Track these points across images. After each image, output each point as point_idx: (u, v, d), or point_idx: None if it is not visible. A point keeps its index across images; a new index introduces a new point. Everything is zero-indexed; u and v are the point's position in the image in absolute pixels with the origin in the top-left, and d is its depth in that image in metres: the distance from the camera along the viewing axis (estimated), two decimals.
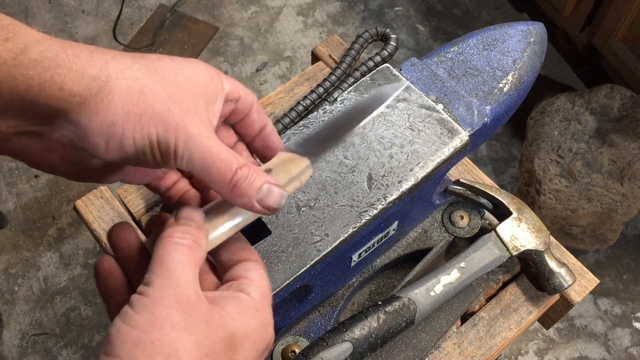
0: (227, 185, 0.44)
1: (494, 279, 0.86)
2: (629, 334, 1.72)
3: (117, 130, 0.41)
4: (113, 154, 0.42)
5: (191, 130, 0.43)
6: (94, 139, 0.41)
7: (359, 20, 2.27)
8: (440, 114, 0.71)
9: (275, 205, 0.47)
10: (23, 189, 1.90)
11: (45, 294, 1.74)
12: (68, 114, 0.40)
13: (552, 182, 1.65)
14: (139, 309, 0.39)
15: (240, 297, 0.44)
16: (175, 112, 0.42)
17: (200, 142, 0.43)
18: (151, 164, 0.43)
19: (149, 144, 0.42)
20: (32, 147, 0.42)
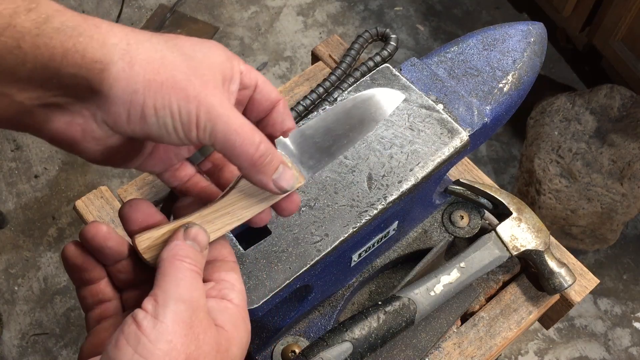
0: (250, 159, 0.44)
1: (494, 279, 0.86)
2: (629, 334, 1.72)
3: (139, 99, 0.40)
4: (134, 125, 0.42)
5: (212, 101, 0.42)
6: (115, 108, 0.41)
7: (359, 20, 2.27)
8: (440, 114, 0.71)
9: (287, 187, 0.47)
10: (23, 189, 1.90)
11: (45, 294, 1.74)
12: (90, 82, 0.39)
13: (552, 182, 1.65)
14: (154, 337, 0.38)
15: (229, 309, 0.44)
16: (196, 83, 0.42)
17: (222, 114, 0.43)
18: (173, 137, 0.43)
19: (170, 113, 0.41)
20: (53, 120, 0.41)
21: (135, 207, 0.47)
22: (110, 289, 0.47)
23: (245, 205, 0.48)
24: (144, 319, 0.39)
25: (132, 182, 0.92)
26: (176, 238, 0.44)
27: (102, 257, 0.46)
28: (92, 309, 0.47)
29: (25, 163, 1.95)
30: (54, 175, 1.92)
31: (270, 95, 0.49)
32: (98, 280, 0.46)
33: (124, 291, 0.48)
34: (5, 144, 1.98)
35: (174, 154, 0.49)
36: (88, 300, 0.47)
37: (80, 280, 0.46)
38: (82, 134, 0.42)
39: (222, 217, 0.47)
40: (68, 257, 0.45)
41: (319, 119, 0.52)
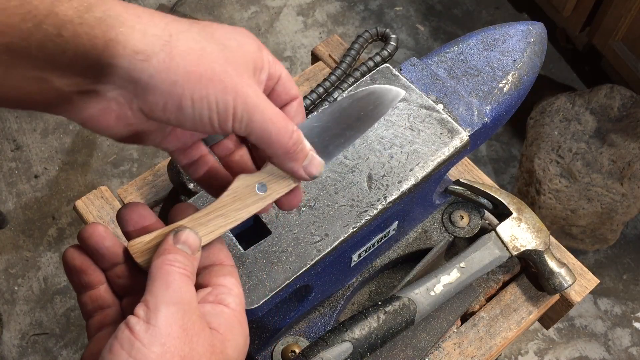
0: (284, 148, 0.45)
1: (494, 279, 0.86)
2: (629, 334, 1.72)
3: (177, 90, 0.41)
4: (170, 114, 0.42)
5: (249, 92, 0.43)
6: (153, 98, 0.41)
7: (359, 20, 2.27)
8: (440, 114, 0.71)
9: (316, 173, 0.48)
10: (23, 189, 1.90)
11: (45, 294, 1.74)
12: (130, 73, 0.40)
13: (552, 182, 1.65)
14: (147, 341, 0.38)
15: (224, 313, 0.44)
16: (233, 74, 0.43)
17: (258, 104, 0.43)
18: (207, 127, 0.43)
19: (207, 105, 0.42)
20: (90, 106, 0.42)
21: (131, 209, 0.47)
22: (110, 295, 0.47)
23: (239, 207, 0.48)
24: (137, 324, 0.39)
25: (132, 182, 0.92)
26: (166, 242, 0.44)
27: (100, 259, 0.46)
28: (93, 316, 0.47)
29: (25, 163, 1.95)
30: (54, 175, 1.93)
31: (290, 90, 0.50)
32: (97, 285, 0.46)
33: (123, 298, 0.48)
34: (5, 144, 1.98)
35: (190, 134, 0.50)
36: (88, 307, 0.47)
37: (80, 284, 0.46)
38: (116, 120, 0.43)
39: (215, 219, 0.47)
40: (68, 260, 0.45)
41: (315, 118, 0.52)
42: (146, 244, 0.45)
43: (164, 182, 0.91)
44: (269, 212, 0.65)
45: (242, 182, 0.48)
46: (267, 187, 0.49)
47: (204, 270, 0.47)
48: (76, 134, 2.00)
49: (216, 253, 0.48)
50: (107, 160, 1.95)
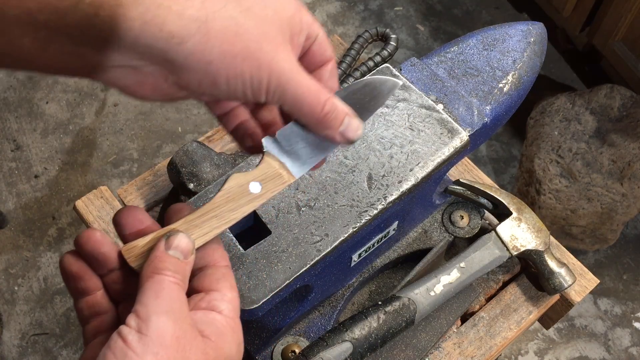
0: (317, 118, 0.46)
1: (494, 279, 0.86)
2: (629, 334, 1.72)
3: (212, 70, 0.42)
4: (204, 89, 0.43)
5: (283, 66, 0.44)
6: (188, 76, 0.42)
7: (359, 20, 2.27)
8: (440, 114, 0.71)
9: (354, 137, 0.48)
10: (23, 189, 1.90)
11: (45, 294, 1.74)
12: (165, 53, 0.41)
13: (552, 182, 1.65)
14: (140, 351, 0.38)
15: (216, 320, 0.44)
16: (268, 49, 0.43)
17: (292, 78, 0.44)
18: (240, 99, 0.45)
19: (241, 83, 0.43)
20: (127, 78, 0.43)
21: (127, 213, 0.47)
22: (107, 301, 0.47)
23: (233, 207, 0.47)
24: (129, 333, 0.39)
25: (132, 182, 0.92)
26: (156, 249, 0.44)
27: (96, 264, 0.46)
28: (89, 322, 0.47)
29: (25, 163, 1.95)
30: (54, 175, 1.92)
31: (325, 51, 0.50)
32: (94, 290, 0.46)
33: (120, 304, 0.48)
34: (5, 144, 1.98)
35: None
36: (85, 312, 0.46)
37: (76, 290, 0.46)
38: (152, 90, 0.44)
39: (209, 221, 0.46)
40: (64, 266, 0.45)
41: None
42: (140, 248, 0.45)
43: (164, 182, 0.91)
44: (269, 212, 0.65)
45: (235, 182, 0.48)
46: (261, 186, 0.48)
47: (198, 272, 0.46)
48: (76, 134, 2.00)
49: (211, 253, 0.47)
50: (107, 160, 1.95)
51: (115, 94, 2.07)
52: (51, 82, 2.09)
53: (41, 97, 2.07)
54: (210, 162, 0.83)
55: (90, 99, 2.07)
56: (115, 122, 2.02)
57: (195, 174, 0.82)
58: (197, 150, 0.83)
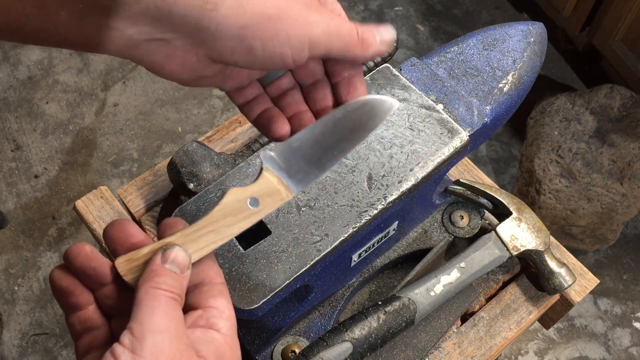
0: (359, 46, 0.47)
1: (494, 279, 0.86)
2: (629, 334, 1.72)
3: (247, 34, 0.42)
4: (238, 56, 0.44)
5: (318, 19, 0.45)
6: (222, 43, 0.43)
7: (359, 20, 2.27)
8: (440, 114, 0.71)
9: (392, 36, 0.50)
10: (23, 189, 1.90)
11: (45, 294, 1.74)
12: (199, 22, 0.41)
13: (552, 182, 1.65)
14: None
15: (215, 340, 0.43)
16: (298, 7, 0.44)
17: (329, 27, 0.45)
18: (278, 64, 0.45)
19: (278, 43, 0.43)
20: (157, 53, 0.43)
21: (117, 227, 0.46)
22: (99, 316, 0.45)
23: (230, 222, 0.46)
24: (122, 354, 0.38)
25: (132, 182, 0.92)
26: (153, 263, 0.43)
27: (87, 280, 0.44)
28: (81, 337, 0.45)
29: (25, 163, 1.95)
30: (54, 175, 1.92)
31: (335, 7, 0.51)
32: (85, 305, 0.45)
33: (113, 318, 0.46)
34: (5, 144, 1.98)
35: (247, 74, 0.51)
36: (77, 328, 0.45)
37: (67, 305, 0.45)
38: (182, 66, 0.44)
39: (206, 235, 0.45)
40: (54, 281, 0.44)
41: (307, 130, 0.51)
42: (135, 261, 0.44)
43: (164, 182, 0.91)
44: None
45: (233, 197, 0.47)
46: (259, 202, 0.48)
47: (194, 289, 0.45)
48: (76, 134, 2.00)
49: (206, 270, 0.46)
50: (107, 160, 1.95)
51: (115, 94, 2.07)
52: (51, 82, 2.09)
53: (41, 97, 2.07)
54: (210, 162, 0.83)
55: (90, 99, 2.07)
56: (115, 122, 2.02)
57: (195, 174, 0.82)
58: (197, 150, 0.83)
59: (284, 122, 0.51)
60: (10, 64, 2.14)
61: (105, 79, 2.11)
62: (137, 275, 0.43)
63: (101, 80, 2.11)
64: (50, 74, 2.11)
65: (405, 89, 0.73)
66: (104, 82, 2.10)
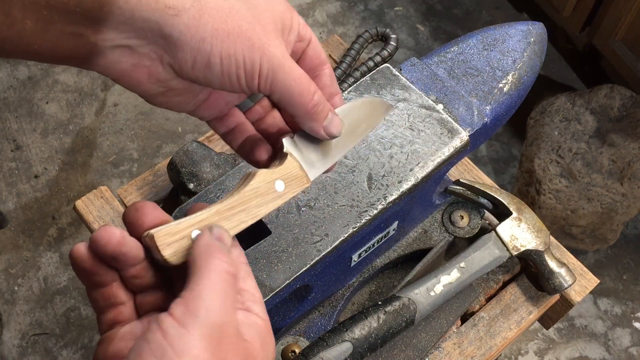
0: (306, 108, 0.47)
1: (494, 279, 0.86)
2: (629, 334, 1.72)
3: (206, 47, 0.42)
4: (198, 72, 0.44)
5: (275, 52, 0.45)
6: (182, 55, 0.43)
7: (359, 20, 2.27)
8: (440, 114, 0.71)
9: (336, 132, 0.50)
10: (23, 189, 1.90)
11: (45, 294, 1.74)
12: (161, 27, 0.41)
13: (552, 182, 1.65)
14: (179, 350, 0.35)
15: (257, 324, 0.41)
16: (260, 33, 0.44)
17: (283, 64, 0.45)
18: (235, 85, 0.45)
19: (234, 62, 0.43)
20: (122, 61, 0.43)
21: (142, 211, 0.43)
22: (123, 292, 0.44)
23: (259, 203, 0.47)
24: (171, 327, 0.36)
25: (132, 182, 0.92)
26: (203, 237, 0.41)
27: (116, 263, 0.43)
28: (105, 312, 0.44)
29: (25, 163, 1.95)
30: (54, 175, 1.92)
31: (320, 54, 0.51)
32: (110, 283, 0.43)
33: (137, 294, 0.45)
34: (5, 144, 1.98)
35: (225, 102, 0.51)
36: (100, 303, 0.44)
37: (90, 282, 0.43)
38: (148, 76, 0.44)
39: (238, 214, 0.46)
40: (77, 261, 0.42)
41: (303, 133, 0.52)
42: (173, 235, 0.42)
43: (164, 182, 0.91)
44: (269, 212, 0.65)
45: (263, 178, 0.48)
46: (284, 185, 0.49)
47: None
48: (76, 134, 2.00)
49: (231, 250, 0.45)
50: (107, 160, 1.95)
51: (115, 94, 2.07)
52: (51, 82, 2.09)
53: (41, 97, 2.07)
54: (210, 162, 0.83)
55: (90, 99, 2.07)
56: (115, 122, 2.02)
57: (195, 174, 0.82)
58: (197, 150, 0.83)
59: (264, 149, 0.52)
60: (10, 64, 2.14)
61: (105, 79, 2.11)
62: (175, 250, 0.42)
63: (101, 80, 2.11)
64: (50, 74, 2.11)
65: (405, 89, 0.73)
66: (104, 82, 2.10)
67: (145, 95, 0.47)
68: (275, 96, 0.46)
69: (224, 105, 0.51)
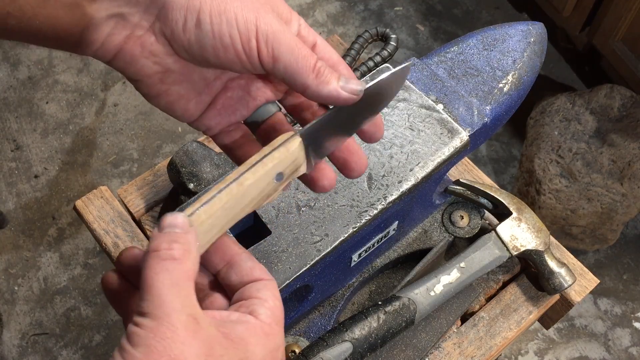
0: (312, 72, 0.44)
1: (494, 279, 0.86)
2: (629, 334, 1.72)
3: (195, 4, 0.42)
4: (189, 34, 0.42)
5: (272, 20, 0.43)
6: (172, 14, 0.42)
7: (359, 20, 2.27)
8: (440, 114, 0.71)
9: (359, 88, 0.45)
10: (23, 189, 1.90)
11: (45, 294, 1.74)
12: None
13: (552, 182, 1.65)
14: (135, 342, 0.37)
15: (249, 322, 0.42)
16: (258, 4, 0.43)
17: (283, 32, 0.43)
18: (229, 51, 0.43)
19: (226, 21, 0.42)
20: (115, 34, 0.43)
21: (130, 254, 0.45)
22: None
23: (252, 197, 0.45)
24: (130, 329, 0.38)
25: (132, 182, 0.92)
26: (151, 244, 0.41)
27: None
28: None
29: (25, 163, 1.95)
30: (54, 175, 1.92)
31: (332, 55, 0.48)
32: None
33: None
34: (5, 144, 1.98)
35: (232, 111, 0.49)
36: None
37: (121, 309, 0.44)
38: (141, 48, 0.44)
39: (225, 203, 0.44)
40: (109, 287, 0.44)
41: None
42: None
43: (164, 182, 0.91)
44: (269, 212, 0.65)
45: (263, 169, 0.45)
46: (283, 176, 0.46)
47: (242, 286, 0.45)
48: (76, 134, 2.00)
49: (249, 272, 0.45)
50: (107, 160, 1.95)
51: (115, 94, 2.07)
52: (51, 82, 2.09)
53: (41, 97, 2.07)
54: (210, 162, 0.83)
55: (90, 99, 2.07)
56: (115, 122, 2.02)
57: (195, 174, 0.82)
58: (197, 150, 0.83)
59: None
60: (10, 64, 2.14)
61: (105, 79, 2.11)
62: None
63: (101, 80, 2.11)
64: (50, 74, 2.11)
65: (405, 89, 0.73)
66: (104, 82, 2.10)
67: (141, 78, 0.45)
68: (280, 65, 0.43)
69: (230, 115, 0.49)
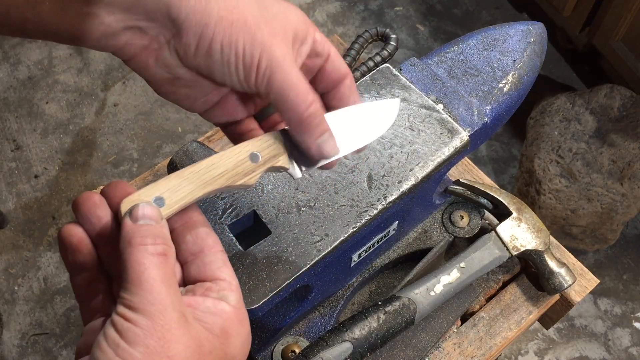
0: (299, 116, 0.46)
1: (494, 279, 0.86)
2: (629, 334, 1.72)
3: (209, 33, 0.43)
4: (200, 59, 0.45)
5: (276, 52, 0.45)
6: (186, 39, 0.44)
7: (359, 20, 2.27)
8: (440, 114, 0.71)
9: (331, 153, 0.48)
10: (23, 189, 1.90)
11: (45, 294, 1.74)
12: (169, 10, 0.43)
13: (552, 182, 1.65)
14: (131, 340, 0.38)
15: (225, 311, 0.42)
16: (265, 31, 0.45)
17: (283, 65, 0.45)
18: (233, 77, 0.45)
19: (234, 52, 0.44)
20: (133, 44, 0.45)
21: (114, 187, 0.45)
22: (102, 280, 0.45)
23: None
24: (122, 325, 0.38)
25: (132, 182, 0.92)
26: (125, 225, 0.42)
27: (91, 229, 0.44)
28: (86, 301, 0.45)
29: (25, 163, 1.95)
30: (54, 175, 1.92)
31: (340, 68, 0.50)
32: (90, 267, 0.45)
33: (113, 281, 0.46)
34: (5, 144, 1.98)
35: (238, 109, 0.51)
36: (82, 290, 0.45)
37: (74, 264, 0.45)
38: (155, 59, 0.46)
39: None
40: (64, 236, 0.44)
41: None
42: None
43: None
44: (269, 212, 0.65)
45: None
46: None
47: (195, 259, 0.45)
48: (76, 134, 2.00)
49: (204, 237, 0.46)
50: (107, 160, 1.95)
51: (115, 94, 2.07)
52: (51, 82, 2.09)
53: (41, 97, 2.07)
54: None
55: (90, 99, 2.07)
56: (115, 122, 2.02)
57: None
58: (197, 150, 0.83)
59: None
60: (10, 63, 2.14)
61: (105, 79, 2.11)
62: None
63: (101, 80, 2.11)
64: (50, 74, 2.11)
65: (405, 89, 0.73)
66: (104, 82, 2.10)
67: (153, 80, 0.48)
68: (271, 96, 0.46)
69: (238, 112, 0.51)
